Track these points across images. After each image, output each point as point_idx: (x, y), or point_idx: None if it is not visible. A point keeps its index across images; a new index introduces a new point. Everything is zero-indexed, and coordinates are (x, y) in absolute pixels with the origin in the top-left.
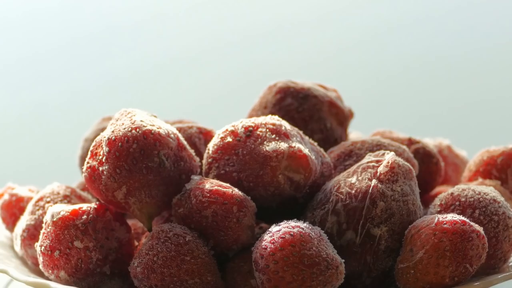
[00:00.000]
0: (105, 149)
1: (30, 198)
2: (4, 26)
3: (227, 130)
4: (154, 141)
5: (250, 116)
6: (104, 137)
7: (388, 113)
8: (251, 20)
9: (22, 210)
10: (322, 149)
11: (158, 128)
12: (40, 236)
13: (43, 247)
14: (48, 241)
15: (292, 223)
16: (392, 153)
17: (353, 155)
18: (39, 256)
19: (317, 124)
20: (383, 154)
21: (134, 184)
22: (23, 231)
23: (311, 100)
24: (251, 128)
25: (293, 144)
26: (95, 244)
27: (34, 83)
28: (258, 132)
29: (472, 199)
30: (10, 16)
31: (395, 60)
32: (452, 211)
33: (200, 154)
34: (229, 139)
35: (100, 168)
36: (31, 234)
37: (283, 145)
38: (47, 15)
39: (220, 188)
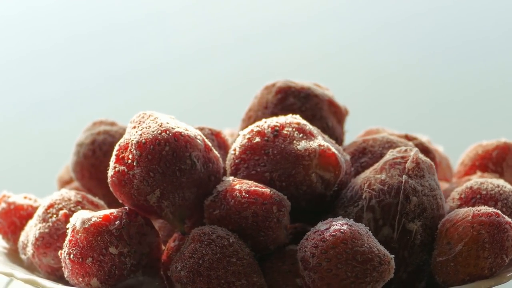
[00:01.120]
0: (136, 152)
1: (30, 206)
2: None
3: (252, 130)
4: (185, 143)
5: (249, 116)
6: (132, 140)
7: (369, 111)
8: (247, 20)
9: (22, 219)
10: (341, 148)
11: (185, 130)
12: (66, 244)
13: (72, 255)
14: (79, 249)
15: (339, 220)
16: (416, 149)
17: (367, 152)
18: (66, 264)
19: (319, 123)
20: (406, 150)
21: (168, 187)
22: (36, 239)
23: (313, 99)
24: (277, 128)
25: (322, 143)
26: (129, 249)
27: (29, 83)
28: (285, 132)
29: (493, 191)
30: (9, 14)
31: (385, 60)
32: (474, 204)
33: None
34: (257, 139)
35: (131, 172)
36: (46, 242)
37: (313, 144)
38: (46, 13)
39: (258, 189)
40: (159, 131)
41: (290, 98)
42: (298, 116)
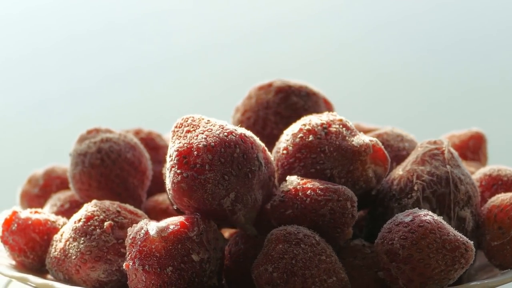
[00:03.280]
0: (207, 156)
1: (48, 221)
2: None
3: (302, 129)
4: (251, 144)
5: (248, 117)
6: (198, 144)
7: (368, 109)
8: (247, 19)
9: (43, 234)
10: None
11: (245, 131)
12: (135, 255)
13: (147, 266)
14: (155, 258)
15: (419, 211)
16: (447, 140)
17: (385, 146)
18: (138, 276)
19: None
20: (435, 142)
21: (241, 189)
22: (82, 254)
23: (312, 97)
24: (325, 126)
25: (370, 138)
26: (209, 255)
27: (28, 81)
28: (333, 129)
29: None
30: (9, 13)
31: (382, 59)
32: (496, 190)
33: None
34: (311, 137)
35: (202, 177)
36: (95, 256)
37: (365, 139)
38: (46, 12)
39: (330, 186)
40: (225, 134)
41: (292, 97)
42: (335, 113)
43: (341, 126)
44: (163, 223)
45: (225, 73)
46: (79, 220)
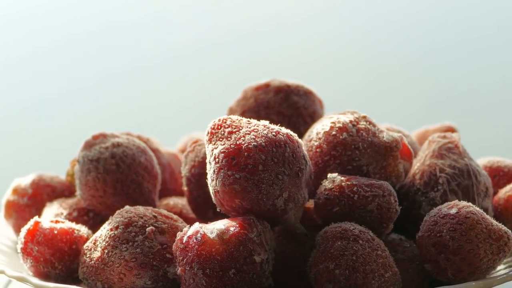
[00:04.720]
0: (259, 156)
1: (74, 230)
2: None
3: (333, 127)
4: (297, 143)
5: (248, 118)
6: (247, 145)
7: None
8: (247, 19)
9: (71, 243)
10: None
11: (288, 131)
12: (192, 260)
13: (208, 270)
14: (216, 262)
15: (460, 203)
16: (457, 133)
17: None
18: (197, 281)
19: (317, 119)
20: (445, 136)
21: (292, 189)
22: (127, 262)
23: (310, 96)
24: (354, 123)
25: (396, 134)
26: (267, 256)
27: (28, 81)
28: (361, 126)
29: None
30: (9, 13)
31: (382, 58)
32: (498, 181)
33: None
34: (344, 135)
35: (255, 177)
36: (141, 263)
37: (394, 135)
38: (46, 12)
39: (374, 181)
40: (273, 133)
41: (292, 97)
42: (356, 110)
43: (367, 123)
44: (221, 225)
45: (225, 73)
46: (117, 228)
